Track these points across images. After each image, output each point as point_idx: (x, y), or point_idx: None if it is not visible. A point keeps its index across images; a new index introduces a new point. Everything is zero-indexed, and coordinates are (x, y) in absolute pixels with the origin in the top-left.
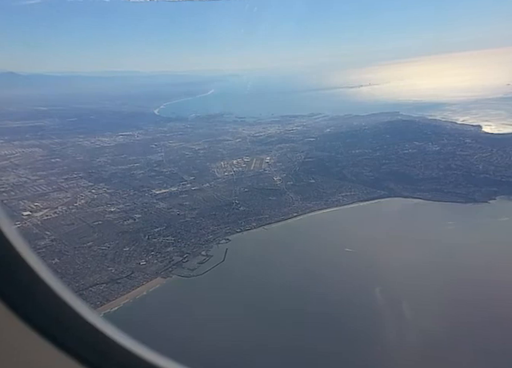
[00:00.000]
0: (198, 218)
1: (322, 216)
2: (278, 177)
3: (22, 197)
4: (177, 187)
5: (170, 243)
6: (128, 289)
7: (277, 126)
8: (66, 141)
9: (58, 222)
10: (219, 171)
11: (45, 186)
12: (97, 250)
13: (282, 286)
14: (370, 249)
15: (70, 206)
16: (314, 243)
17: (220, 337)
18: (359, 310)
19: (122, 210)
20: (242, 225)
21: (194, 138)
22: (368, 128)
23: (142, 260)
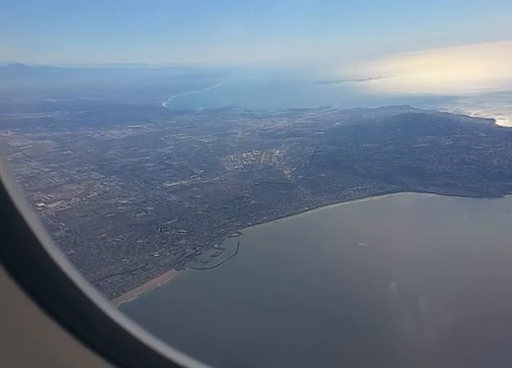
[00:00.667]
0: (210, 211)
1: (333, 210)
2: (288, 170)
3: (36, 188)
4: (187, 180)
5: (182, 236)
6: (143, 280)
7: (286, 119)
8: (77, 133)
9: (71, 213)
10: (229, 165)
11: (57, 177)
12: (111, 242)
13: (295, 281)
14: (383, 244)
15: (83, 198)
16: (327, 238)
17: (234, 330)
18: (375, 305)
19: (134, 202)
20: (254, 218)
21: (203, 131)
22: (378, 122)
23: (156, 252)
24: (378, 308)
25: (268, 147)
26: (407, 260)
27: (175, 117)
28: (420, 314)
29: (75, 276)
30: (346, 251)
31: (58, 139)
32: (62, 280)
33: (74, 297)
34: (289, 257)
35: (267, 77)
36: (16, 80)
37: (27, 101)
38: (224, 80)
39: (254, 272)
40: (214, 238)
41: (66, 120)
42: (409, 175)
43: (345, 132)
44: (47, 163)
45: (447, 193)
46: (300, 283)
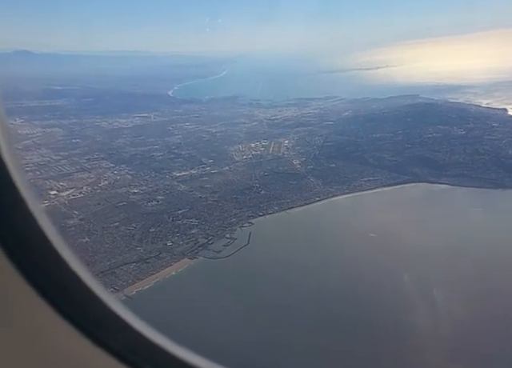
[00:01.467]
0: (220, 201)
1: (344, 201)
2: (297, 161)
3: (48, 176)
4: (196, 170)
5: (194, 225)
6: (157, 268)
7: (293, 109)
8: (85, 121)
9: (84, 201)
10: (238, 154)
11: (68, 166)
12: (124, 230)
13: (307, 272)
14: (395, 234)
15: (94, 187)
16: (338, 228)
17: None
18: (387, 297)
19: (145, 191)
20: (264, 209)
21: (210, 121)
22: (388, 111)
23: (169, 241)
24: (390, 299)
25: (276, 137)
26: (420, 251)
27: (182, 106)
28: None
29: (81, 270)
30: (356, 242)
31: (66, 127)
32: (68, 275)
33: (80, 293)
34: (300, 247)
35: (272, 66)
36: (22, 67)
37: (33, 88)
38: (228, 69)
39: (266, 262)
40: (225, 227)
41: (73, 108)
42: (421, 166)
43: (354, 122)
44: (57, 151)
45: (461, 184)
46: (311, 274)
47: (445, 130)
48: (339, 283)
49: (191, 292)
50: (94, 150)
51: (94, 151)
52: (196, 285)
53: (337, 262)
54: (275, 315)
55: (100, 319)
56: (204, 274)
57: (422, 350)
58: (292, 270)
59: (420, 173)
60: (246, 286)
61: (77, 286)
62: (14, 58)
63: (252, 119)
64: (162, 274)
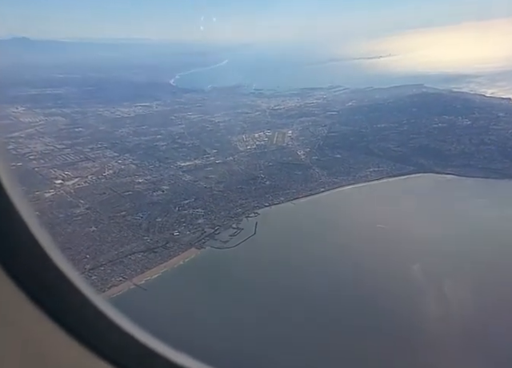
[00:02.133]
0: (226, 191)
1: (350, 191)
2: (301, 151)
3: (52, 165)
4: (201, 160)
5: (200, 215)
6: (165, 258)
7: (296, 98)
8: (87, 110)
9: (89, 190)
10: (241, 145)
11: (72, 155)
12: (131, 220)
13: (314, 262)
14: (402, 225)
15: (99, 176)
16: (344, 219)
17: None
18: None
19: (150, 181)
20: (270, 199)
21: (213, 110)
22: (392, 101)
23: (175, 231)
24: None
25: (280, 127)
26: (427, 242)
27: (184, 95)
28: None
29: (70, 272)
30: (364, 232)
31: (68, 116)
32: (57, 277)
33: (69, 295)
34: (307, 238)
35: (274, 55)
36: (21, 54)
37: (34, 76)
38: (229, 57)
39: (273, 252)
40: (231, 217)
41: (75, 96)
42: (426, 156)
43: (358, 112)
44: (60, 140)
45: (467, 174)
46: (318, 264)
47: (450, 120)
48: (348, 274)
49: (199, 282)
50: (98, 139)
51: (97, 140)
52: (204, 275)
53: (344, 253)
54: (285, 306)
55: (88, 320)
56: (212, 264)
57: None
58: (299, 261)
59: (426, 163)
60: (254, 277)
61: (66, 287)
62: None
63: (255, 109)
64: (170, 264)
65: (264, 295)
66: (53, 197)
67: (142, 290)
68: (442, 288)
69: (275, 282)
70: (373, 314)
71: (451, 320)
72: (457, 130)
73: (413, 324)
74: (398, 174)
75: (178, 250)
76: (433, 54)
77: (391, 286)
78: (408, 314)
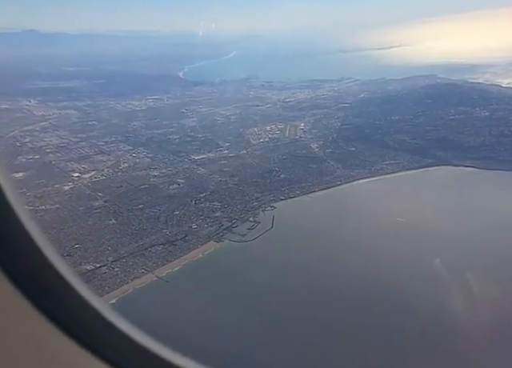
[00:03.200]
0: (241, 184)
1: (366, 185)
2: (315, 144)
3: (69, 158)
4: (214, 153)
5: (217, 208)
6: (185, 251)
7: (306, 90)
8: (98, 103)
9: (106, 183)
10: (254, 138)
11: (87, 148)
12: (149, 213)
13: (334, 255)
14: (422, 219)
15: (115, 169)
16: (362, 212)
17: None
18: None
19: (165, 174)
20: (286, 192)
21: (223, 103)
22: (406, 93)
23: (193, 224)
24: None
25: (292, 120)
26: (448, 236)
27: (193, 88)
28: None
29: (68, 274)
30: (384, 226)
31: (80, 109)
32: (56, 278)
33: (68, 296)
34: (326, 231)
35: (282, 46)
36: (30, 47)
37: (45, 69)
38: (237, 49)
39: (292, 245)
40: (248, 211)
41: (86, 90)
42: (444, 149)
43: (371, 104)
44: (75, 133)
45: (487, 167)
46: (339, 258)
47: (467, 112)
48: (367, 269)
49: (220, 275)
50: (111, 133)
51: (110, 134)
52: (224, 268)
53: (363, 248)
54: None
55: (86, 321)
56: (231, 258)
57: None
58: (318, 256)
59: (443, 156)
60: (274, 271)
61: (64, 289)
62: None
63: (265, 101)
64: (190, 256)
65: (286, 290)
66: (71, 190)
67: (164, 281)
68: (465, 283)
69: (295, 276)
70: (394, 310)
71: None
72: (475, 122)
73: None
74: (415, 167)
75: (196, 243)
76: (444, 43)
77: (412, 281)
78: (431, 311)
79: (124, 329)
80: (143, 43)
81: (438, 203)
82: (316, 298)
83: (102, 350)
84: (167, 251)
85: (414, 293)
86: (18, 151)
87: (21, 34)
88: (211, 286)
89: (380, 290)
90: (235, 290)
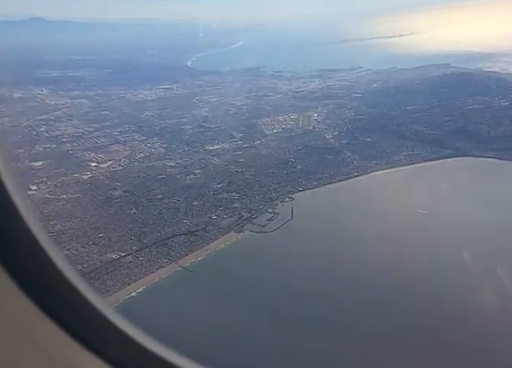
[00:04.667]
0: (257, 175)
1: (385, 176)
2: (329, 135)
3: (85, 148)
4: (228, 144)
5: (235, 199)
6: (206, 241)
7: (317, 80)
8: (109, 93)
9: (124, 173)
10: (267, 128)
11: (102, 138)
12: (168, 203)
13: (357, 247)
14: (445, 211)
15: (131, 159)
16: (384, 204)
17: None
18: (451, 276)
19: (181, 165)
20: (303, 184)
21: (234, 93)
22: (420, 82)
23: (213, 214)
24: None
25: (304, 110)
26: (472, 228)
27: (202, 77)
28: (499, 283)
29: (71, 274)
30: (406, 218)
31: (92, 99)
32: (58, 278)
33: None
34: (347, 223)
35: (288, 35)
36: (37, 35)
37: (53, 57)
38: (244, 38)
39: (313, 236)
40: (266, 202)
41: (95, 79)
42: (463, 139)
43: (384, 94)
44: (89, 123)
45: (509, 157)
46: (363, 250)
47: (485, 101)
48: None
49: (244, 266)
50: (124, 123)
51: (124, 124)
52: (247, 259)
53: (386, 240)
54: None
55: (88, 321)
56: (253, 248)
57: (489, 330)
58: (339, 247)
59: (463, 146)
60: (297, 262)
61: (67, 289)
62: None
63: (276, 92)
64: (212, 247)
65: (310, 281)
66: (90, 179)
67: (189, 271)
68: (496, 277)
69: (319, 266)
70: (423, 305)
71: (508, 311)
72: (494, 112)
73: (467, 316)
74: (434, 158)
75: (217, 234)
76: (457, 31)
77: (439, 274)
78: (462, 306)
79: (126, 329)
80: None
81: (460, 195)
82: (340, 290)
83: (103, 350)
84: (189, 241)
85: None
86: (35, 140)
87: (27, 21)
88: (236, 277)
89: (407, 284)
90: (260, 280)
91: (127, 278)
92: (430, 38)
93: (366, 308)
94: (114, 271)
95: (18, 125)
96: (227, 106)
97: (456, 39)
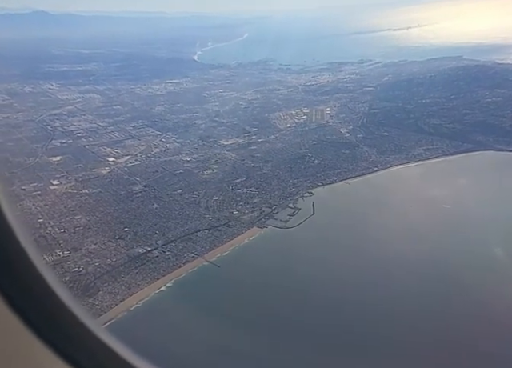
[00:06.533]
0: (275, 170)
1: (405, 170)
2: (344, 129)
3: (101, 143)
4: (243, 139)
5: (254, 194)
6: (230, 236)
7: (326, 74)
8: (119, 87)
9: (141, 168)
10: (280, 123)
11: (117, 132)
12: (188, 198)
13: (384, 242)
14: (471, 205)
15: (147, 154)
16: (407, 199)
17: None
18: (484, 273)
19: (198, 159)
20: (322, 178)
21: (243, 87)
22: (433, 75)
23: (234, 209)
24: (483, 273)
25: (316, 104)
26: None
27: (210, 71)
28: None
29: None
30: (430, 213)
31: (102, 93)
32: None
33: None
34: (371, 218)
35: (293, 28)
36: (41, 29)
37: (60, 51)
38: (249, 31)
39: (337, 232)
40: (286, 197)
41: (104, 73)
42: (484, 133)
43: (397, 87)
44: (102, 118)
45: None
46: (390, 245)
47: (504, 94)
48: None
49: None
50: (137, 117)
51: (137, 118)
52: (273, 254)
53: (413, 236)
54: (362, 285)
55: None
56: (278, 243)
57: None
58: (372, 242)
59: (484, 140)
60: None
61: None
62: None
63: (286, 86)
64: (236, 242)
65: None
66: (109, 174)
67: (216, 266)
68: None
69: (346, 263)
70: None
71: None
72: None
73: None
74: (455, 153)
75: (240, 229)
76: (464, 23)
77: (472, 269)
78: (496, 304)
79: (116, 348)
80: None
81: (483, 189)
82: (371, 285)
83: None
84: (213, 236)
85: (477, 283)
86: (51, 135)
87: (31, 14)
88: (263, 272)
89: (438, 279)
90: (288, 275)
91: (155, 273)
92: (438, 30)
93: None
94: (142, 265)
95: (33, 119)
96: (238, 101)
97: (465, 31)
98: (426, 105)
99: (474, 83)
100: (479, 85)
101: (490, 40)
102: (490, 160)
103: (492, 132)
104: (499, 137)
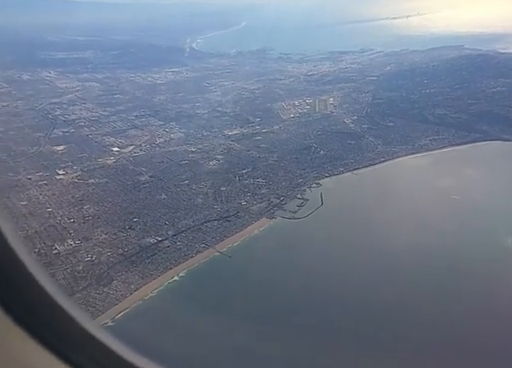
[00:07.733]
0: (281, 161)
1: (412, 161)
2: (349, 119)
3: (104, 132)
4: (247, 129)
5: (262, 185)
6: (239, 227)
7: (327, 63)
8: (118, 76)
9: (147, 158)
10: (284, 113)
11: (119, 122)
12: (196, 189)
13: (394, 232)
14: (480, 196)
15: (152, 144)
16: (415, 190)
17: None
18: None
19: (202, 150)
20: (329, 169)
21: (244, 77)
22: (436, 64)
23: (242, 200)
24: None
25: (319, 94)
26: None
27: (210, 60)
28: None
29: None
30: (439, 204)
31: (101, 82)
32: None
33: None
34: (380, 209)
35: (291, 16)
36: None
37: (56, 38)
38: (247, 19)
39: (347, 222)
40: (293, 188)
41: (101, 61)
42: (491, 123)
43: (400, 77)
44: (103, 107)
45: None
46: (399, 236)
47: (509, 84)
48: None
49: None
50: (139, 107)
51: (138, 108)
52: (284, 244)
53: (423, 227)
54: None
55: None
56: (288, 233)
57: None
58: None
59: (491, 130)
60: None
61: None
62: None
63: (287, 75)
64: (246, 232)
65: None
66: (115, 164)
67: (227, 257)
68: None
69: (358, 252)
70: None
71: None
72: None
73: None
74: (462, 143)
75: (249, 219)
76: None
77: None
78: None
79: (115, 348)
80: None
81: (492, 180)
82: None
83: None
84: (223, 227)
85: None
86: (53, 124)
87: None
88: (275, 262)
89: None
90: (299, 265)
91: (168, 262)
92: (439, 19)
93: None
94: (154, 255)
95: (33, 108)
96: (239, 90)
97: (465, 20)
98: (431, 95)
99: (478, 73)
100: (483, 74)
101: (490, 29)
102: (497, 150)
103: (498, 122)
104: (506, 127)
